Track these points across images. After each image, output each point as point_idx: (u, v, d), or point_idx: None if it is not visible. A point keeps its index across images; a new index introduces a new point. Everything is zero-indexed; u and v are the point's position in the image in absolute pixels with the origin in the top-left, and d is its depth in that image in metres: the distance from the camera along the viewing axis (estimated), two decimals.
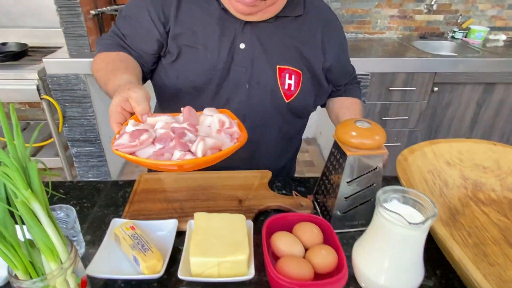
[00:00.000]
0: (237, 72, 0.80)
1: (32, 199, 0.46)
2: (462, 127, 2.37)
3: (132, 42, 0.81)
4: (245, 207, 0.73)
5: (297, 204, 0.74)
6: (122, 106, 0.60)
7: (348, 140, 0.63)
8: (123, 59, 0.78)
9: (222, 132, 0.58)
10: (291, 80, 0.82)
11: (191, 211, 0.72)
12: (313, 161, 2.67)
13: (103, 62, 0.77)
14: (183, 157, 0.51)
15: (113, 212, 0.74)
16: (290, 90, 0.83)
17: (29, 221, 0.45)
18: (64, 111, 1.99)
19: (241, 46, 0.80)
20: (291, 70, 0.82)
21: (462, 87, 2.20)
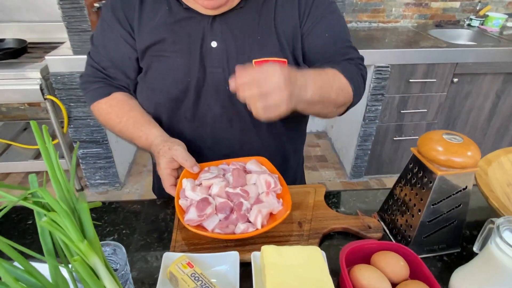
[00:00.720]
0: (213, 74, 0.72)
1: (90, 253, 0.37)
2: (480, 119, 2.30)
3: (116, 73, 0.76)
4: (306, 231, 0.65)
5: (364, 225, 0.66)
6: (170, 168, 0.67)
7: (436, 157, 0.54)
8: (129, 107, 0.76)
9: (270, 194, 0.66)
10: None
11: (247, 238, 0.63)
12: (325, 155, 2.59)
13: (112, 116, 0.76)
14: (246, 230, 0.60)
15: (157, 240, 0.65)
16: None
17: (88, 281, 0.37)
18: (69, 111, 1.87)
19: (212, 45, 0.71)
20: (272, 61, 0.71)
21: (482, 78, 2.12)
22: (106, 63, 0.76)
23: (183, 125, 0.77)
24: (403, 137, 2.20)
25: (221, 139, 0.78)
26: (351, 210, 0.73)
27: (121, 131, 0.76)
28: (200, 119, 0.76)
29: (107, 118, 0.76)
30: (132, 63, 0.75)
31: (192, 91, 0.72)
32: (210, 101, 0.74)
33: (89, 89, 0.77)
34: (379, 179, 2.34)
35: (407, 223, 0.61)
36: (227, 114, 0.75)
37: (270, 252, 0.53)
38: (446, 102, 2.18)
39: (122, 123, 0.74)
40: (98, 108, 0.77)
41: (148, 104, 0.76)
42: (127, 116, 0.74)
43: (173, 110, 0.75)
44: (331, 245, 0.65)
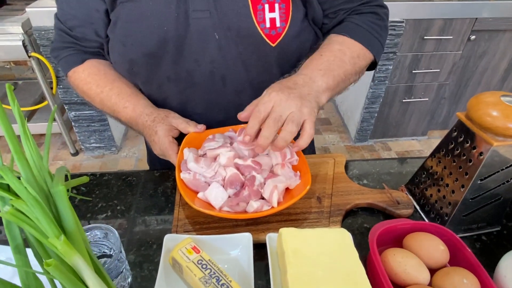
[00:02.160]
0: (199, 20, 0.57)
1: (70, 251, 0.28)
2: (493, 80, 2.19)
3: (84, 31, 0.63)
4: (327, 207, 0.57)
5: (392, 200, 0.58)
6: (171, 136, 0.60)
7: (491, 124, 0.45)
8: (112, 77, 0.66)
9: (286, 166, 0.57)
10: (274, 12, 0.57)
11: (260, 216, 0.56)
12: (329, 118, 2.50)
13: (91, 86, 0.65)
14: (260, 208, 0.51)
15: (157, 217, 0.57)
16: (274, 27, 0.58)
17: (68, 286, 0.28)
18: (56, 70, 1.73)
19: None
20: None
21: (501, 35, 1.98)
22: (73, 22, 0.63)
23: (167, 87, 0.64)
24: (412, 98, 2.09)
25: (213, 102, 0.66)
26: (375, 182, 0.65)
27: (103, 102, 0.65)
28: (186, 79, 0.62)
29: (86, 88, 0.66)
30: (101, 16, 0.61)
31: (171, 43, 0.58)
32: (197, 56, 0.60)
33: (60, 56, 0.67)
34: (384, 143, 2.26)
35: (445, 199, 0.53)
36: (218, 70, 0.61)
37: (290, 235, 0.45)
38: (460, 62, 2.05)
39: (104, 93, 0.64)
40: (75, 77, 0.67)
41: (121, 62, 0.63)
42: (110, 86, 0.64)
43: (152, 69, 0.62)
44: (355, 223, 0.57)
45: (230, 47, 0.59)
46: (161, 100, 0.66)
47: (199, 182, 0.54)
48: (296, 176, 0.56)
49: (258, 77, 0.63)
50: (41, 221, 0.28)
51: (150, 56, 0.60)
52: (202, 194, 0.53)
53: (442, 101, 2.21)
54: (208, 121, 0.65)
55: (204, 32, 0.58)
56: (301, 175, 0.57)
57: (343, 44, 0.59)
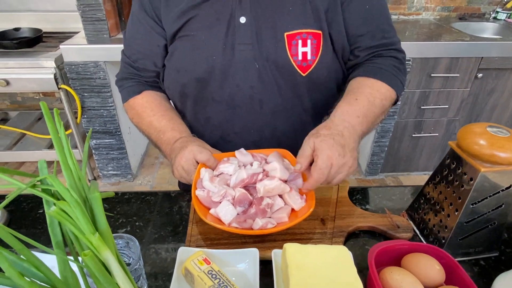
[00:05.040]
0: (242, 51, 0.67)
1: (102, 247, 0.34)
2: (503, 116, 2.21)
3: (145, 63, 0.75)
4: (330, 228, 0.61)
5: (393, 224, 0.61)
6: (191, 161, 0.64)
7: (479, 151, 0.49)
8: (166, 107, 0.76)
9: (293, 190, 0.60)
10: (306, 47, 0.66)
11: (266, 235, 0.60)
12: None
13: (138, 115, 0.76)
14: (265, 226, 0.55)
15: (171, 233, 0.62)
16: (305, 60, 0.67)
17: (99, 276, 0.33)
18: (82, 101, 1.86)
19: (241, 21, 0.67)
20: (305, 33, 0.66)
21: (508, 73, 2.03)
22: (136, 55, 0.76)
23: (211, 108, 0.73)
24: (422, 133, 2.12)
25: (250, 123, 0.74)
26: (377, 208, 0.69)
27: (151, 124, 0.73)
28: (227, 102, 0.71)
29: (141, 111, 0.75)
30: (161, 50, 0.73)
31: (218, 70, 0.68)
32: (239, 81, 0.69)
33: (123, 86, 0.78)
34: (395, 177, 2.27)
35: (441, 223, 0.56)
36: (257, 95, 0.70)
37: (293, 250, 0.49)
38: (469, 98, 2.09)
39: (156, 117, 0.73)
40: (133, 103, 0.77)
41: (174, 86, 0.73)
42: (163, 113, 0.74)
43: (200, 91, 0.72)
44: (356, 244, 0.61)
45: (268, 75, 0.68)
46: (205, 119, 0.75)
47: (212, 199, 0.58)
48: (302, 200, 0.60)
49: (291, 101, 0.72)
50: (80, 220, 0.34)
51: (199, 80, 0.70)
52: (213, 210, 0.57)
53: (452, 136, 2.23)
54: (244, 140, 0.74)
55: (246, 62, 0.68)
56: (307, 198, 0.61)
57: (373, 88, 0.66)
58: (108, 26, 1.74)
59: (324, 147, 0.54)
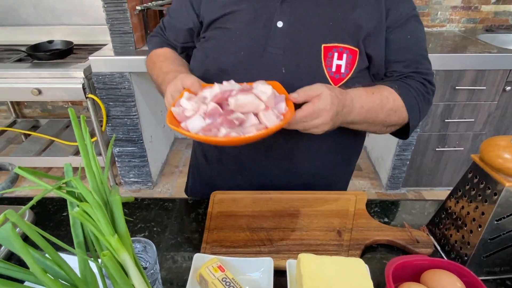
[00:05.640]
0: (272, 54, 0.68)
1: (120, 248, 0.35)
2: None
3: (169, 34, 0.84)
4: (346, 241, 0.60)
5: (412, 239, 0.60)
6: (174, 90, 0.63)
7: (503, 165, 0.47)
8: (181, 61, 0.81)
9: (270, 110, 0.57)
10: (341, 60, 0.67)
11: (282, 244, 0.60)
12: (359, 164, 2.49)
13: (153, 63, 0.81)
14: (228, 134, 0.53)
15: (187, 240, 0.63)
16: (339, 72, 0.67)
17: (116, 277, 0.34)
18: (107, 110, 1.93)
19: (278, 25, 0.68)
20: (343, 48, 0.66)
21: None
22: (167, 25, 0.85)
23: None
24: (446, 148, 2.06)
25: None
26: (396, 221, 0.67)
27: (161, 67, 0.77)
28: None
29: (155, 59, 0.81)
30: (183, 30, 0.80)
31: (243, 66, 0.69)
32: None
33: (151, 41, 0.88)
34: (418, 192, 2.20)
35: (463, 239, 0.55)
36: None
37: (308, 261, 0.49)
38: (496, 112, 2.02)
39: (167, 62, 0.78)
40: (153, 53, 0.84)
41: (198, 69, 0.76)
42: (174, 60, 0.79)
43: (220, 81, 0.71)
44: (373, 258, 0.59)
45: (294, 81, 0.68)
46: None
47: (185, 114, 0.57)
48: (278, 120, 0.57)
49: None
50: (101, 221, 0.35)
51: (222, 71, 0.71)
52: (184, 124, 0.56)
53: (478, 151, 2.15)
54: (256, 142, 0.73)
55: (273, 65, 0.69)
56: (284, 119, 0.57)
57: (391, 95, 0.68)
58: (134, 39, 1.81)
59: (328, 102, 0.58)
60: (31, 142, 2.43)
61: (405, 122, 0.70)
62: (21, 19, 2.28)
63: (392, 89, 0.68)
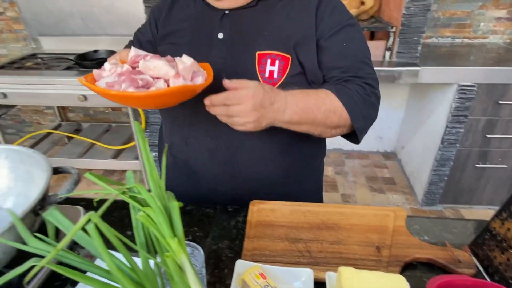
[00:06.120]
0: (214, 63, 0.73)
1: (179, 250, 0.38)
2: None
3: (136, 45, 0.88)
4: (385, 257, 0.60)
5: (453, 259, 0.59)
6: None
7: None
8: None
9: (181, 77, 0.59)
10: (274, 66, 0.72)
11: (320, 256, 0.61)
12: (393, 178, 2.43)
13: None
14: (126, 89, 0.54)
15: (228, 246, 0.66)
16: (272, 77, 0.72)
17: (176, 277, 0.37)
18: (147, 116, 2.03)
19: (219, 36, 0.75)
20: (275, 55, 0.72)
21: None
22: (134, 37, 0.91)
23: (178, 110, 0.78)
24: (487, 164, 1.97)
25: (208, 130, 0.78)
26: (436, 240, 0.66)
27: None
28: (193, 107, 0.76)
29: None
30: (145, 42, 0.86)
31: None
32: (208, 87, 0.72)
33: None
34: (455, 209, 2.11)
35: (509, 262, 0.53)
36: None
37: (349, 275, 0.50)
38: None
39: None
40: None
41: None
42: None
43: None
44: (413, 276, 0.59)
45: None
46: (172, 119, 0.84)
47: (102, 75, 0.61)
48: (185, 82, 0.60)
49: None
50: (162, 225, 0.38)
51: None
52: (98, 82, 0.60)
53: None
54: (201, 146, 0.80)
55: (217, 73, 0.72)
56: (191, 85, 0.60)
57: (328, 96, 0.70)
58: None
59: (252, 91, 0.61)
60: (74, 144, 2.58)
61: (348, 125, 0.72)
62: (70, 30, 2.45)
63: (329, 91, 0.70)
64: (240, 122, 0.62)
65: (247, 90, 0.61)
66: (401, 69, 1.73)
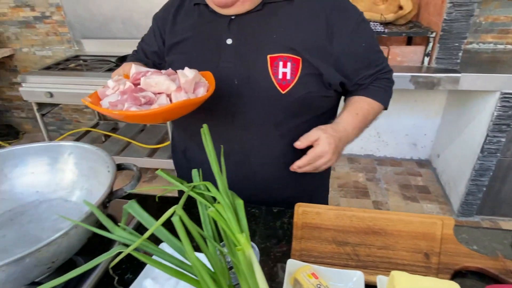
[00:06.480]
0: (225, 68, 0.76)
1: (248, 245, 0.41)
2: None
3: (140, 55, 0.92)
4: (434, 264, 0.60)
5: (505, 269, 0.58)
6: None
7: None
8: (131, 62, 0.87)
9: (182, 91, 0.60)
10: (286, 68, 0.74)
11: (368, 260, 0.62)
12: (427, 187, 2.37)
13: None
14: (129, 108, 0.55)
15: (275, 245, 0.68)
16: (285, 79, 0.74)
17: (245, 271, 0.40)
18: None
19: (228, 42, 0.76)
20: (287, 57, 0.74)
21: None
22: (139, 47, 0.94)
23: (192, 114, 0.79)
24: None
25: (222, 134, 0.79)
26: (486, 250, 0.65)
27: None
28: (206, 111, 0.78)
29: None
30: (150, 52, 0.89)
31: None
32: (219, 95, 0.76)
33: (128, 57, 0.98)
34: (494, 221, 2.03)
35: None
36: (232, 107, 0.77)
37: (402, 279, 0.51)
38: None
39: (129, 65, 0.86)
40: None
41: None
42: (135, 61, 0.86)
43: None
44: (463, 284, 0.58)
45: (246, 91, 0.76)
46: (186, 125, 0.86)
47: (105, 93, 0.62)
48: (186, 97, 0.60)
49: (263, 116, 0.78)
50: (231, 220, 0.41)
51: None
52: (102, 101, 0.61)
53: None
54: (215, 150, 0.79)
55: (226, 78, 0.76)
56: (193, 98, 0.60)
57: (370, 105, 0.82)
58: None
59: (325, 142, 0.72)
60: (111, 142, 2.70)
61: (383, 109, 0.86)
62: (112, 33, 2.57)
63: (366, 97, 0.82)
64: (324, 166, 0.74)
65: (322, 146, 0.72)
66: (441, 75, 1.69)
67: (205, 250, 0.40)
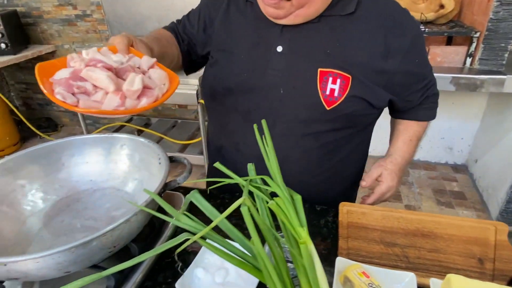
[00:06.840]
0: (271, 76, 0.75)
1: (308, 239, 0.41)
2: None
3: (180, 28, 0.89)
4: (489, 269, 0.59)
5: None
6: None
7: None
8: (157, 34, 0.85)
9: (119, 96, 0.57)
10: (335, 84, 0.72)
11: (419, 262, 0.61)
12: (464, 192, 2.28)
13: None
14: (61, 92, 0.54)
15: (321, 243, 0.68)
16: (332, 95, 0.72)
17: (307, 265, 0.41)
18: None
19: (278, 49, 0.75)
20: (337, 73, 0.72)
21: None
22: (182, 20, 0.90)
23: (230, 115, 0.83)
24: None
25: None
26: None
27: None
28: (245, 115, 0.79)
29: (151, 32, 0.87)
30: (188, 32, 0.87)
31: (246, 86, 0.77)
32: (260, 100, 0.77)
33: None
34: None
35: None
36: (272, 115, 0.76)
37: (460, 283, 0.49)
38: None
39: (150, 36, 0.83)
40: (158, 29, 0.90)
41: (207, 88, 0.85)
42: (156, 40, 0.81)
43: (225, 99, 0.82)
44: None
45: (290, 101, 0.75)
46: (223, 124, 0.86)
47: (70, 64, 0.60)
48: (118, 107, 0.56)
49: (304, 128, 0.77)
50: (291, 214, 0.42)
51: (228, 90, 0.80)
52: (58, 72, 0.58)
53: None
54: (252, 153, 0.77)
55: (273, 86, 0.75)
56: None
57: (422, 126, 0.89)
58: None
59: (389, 178, 0.84)
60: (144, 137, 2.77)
61: None
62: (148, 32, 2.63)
63: (417, 121, 0.88)
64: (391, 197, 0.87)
65: (385, 184, 0.84)
66: (485, 77, 1.63)
67: (271, 242, 0.41)
